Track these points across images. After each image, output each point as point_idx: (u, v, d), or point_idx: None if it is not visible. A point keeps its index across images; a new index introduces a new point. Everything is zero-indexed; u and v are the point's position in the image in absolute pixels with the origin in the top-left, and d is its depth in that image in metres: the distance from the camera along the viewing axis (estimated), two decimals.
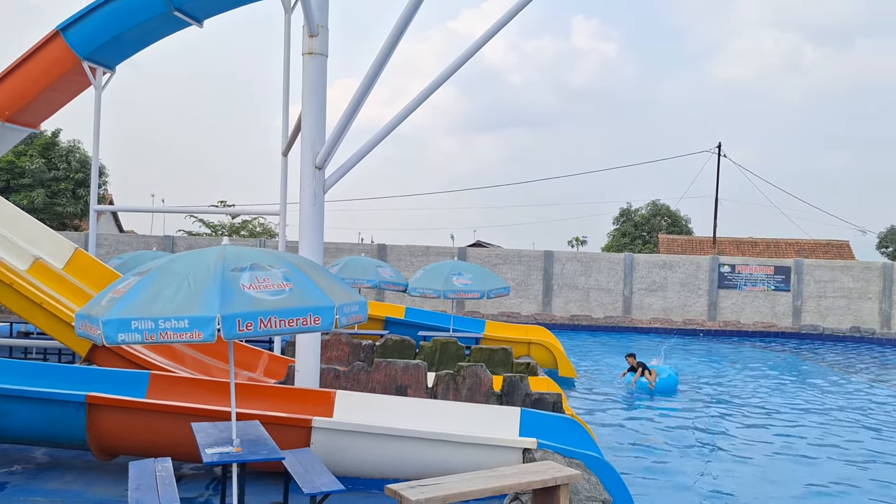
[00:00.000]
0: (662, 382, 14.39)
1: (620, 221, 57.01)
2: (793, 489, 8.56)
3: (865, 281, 26.81)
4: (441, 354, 11.72)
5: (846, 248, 41.30)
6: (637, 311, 28.05)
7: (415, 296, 14.40)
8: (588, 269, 28.53)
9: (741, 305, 27.59)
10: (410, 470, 6.68)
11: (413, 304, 25.36)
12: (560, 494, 5.85)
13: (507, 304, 28.25)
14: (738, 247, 40.80)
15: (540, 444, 6.81)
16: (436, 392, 8.55)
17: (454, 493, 5.15)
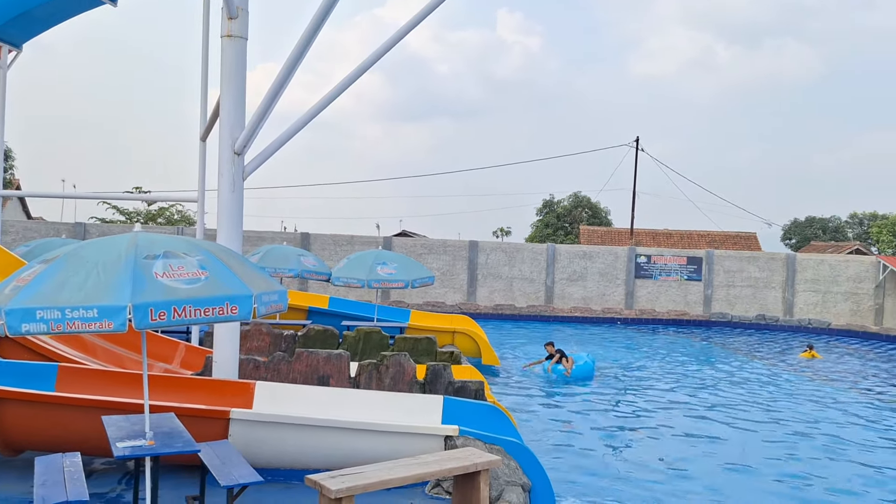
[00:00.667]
0: (578, 369, 14.77)
1: (543, 212, 58.08)
2: (704, 466, 8.98)
3: (770, 271, 28.26)
4: (365, 344, 11.67)
5: (753, 239, 43.39)
6: (559, 301, 28.69)
7: (338, 285, 14.28)
8: (512, 260, 28.95)
9: (656, 294, 28.61)
10: (332, 460, 6.64)
11: (337, 293, 25.15)
12: (480, 480, 5.94)
13: (432, 293, 28.37)
14: (654, 238, 42.23)
15: (462, 432, 6.88)
16: (358, 382, 8.51)
17: (375, 482, 5.16)
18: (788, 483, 8.52)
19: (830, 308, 27.65)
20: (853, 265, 27.97)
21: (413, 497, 6.25)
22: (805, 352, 19.61)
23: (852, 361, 19.70)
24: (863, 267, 27.79)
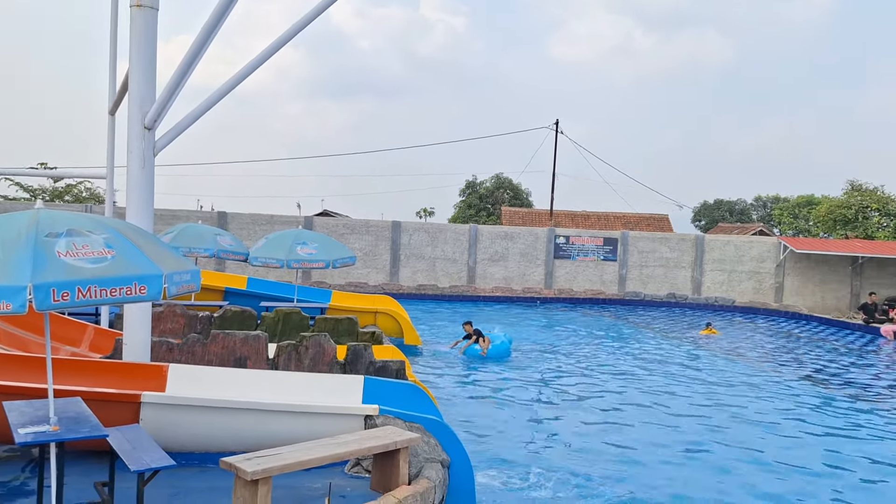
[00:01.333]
0: (495, 349, 14.99)
1: (466, 193, 58.46)
2: (620, 438, 9.33)
3: (681, 251, 29.45)
4: (284, 325, 11.50)
5: (666, 221, 45.04)
6: (480, 281, 29.04)
7: (257, 265, 13.97)
8: (435, 240, 29.06)
9: (574, 274, 29.36)
10: (249, 443, 6.54)
11: (256, 274, 24.64)
12: (399, 458, 5.99)
13: (354, 274, 28.19)
14: (572, 219, 43.22)
15: (382, 411, 6.91)
16: (277, 363, 8.40)
17: (292, 463, 5.12)
18: (689, 447, 8.97)
19: (735, 286, 29.08)
20: (756, 246, 29.46)
21: (332, 477, 6.24)
22: (705, 329, 20.62)
23: (752, 336, 20.83)
24: (765, 247, 29.32)
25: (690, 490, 7.57)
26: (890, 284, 28.02)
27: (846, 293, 28.58)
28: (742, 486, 7.78)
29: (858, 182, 36.59)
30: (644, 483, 7.68)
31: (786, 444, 9.49)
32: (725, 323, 24.17)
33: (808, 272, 28.79)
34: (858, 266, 28.23)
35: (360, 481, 6.34)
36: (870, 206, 34.65)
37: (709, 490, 7.60)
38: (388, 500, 5.39)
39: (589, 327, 21.23)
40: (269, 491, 4.96)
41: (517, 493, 7.21)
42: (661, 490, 7.49)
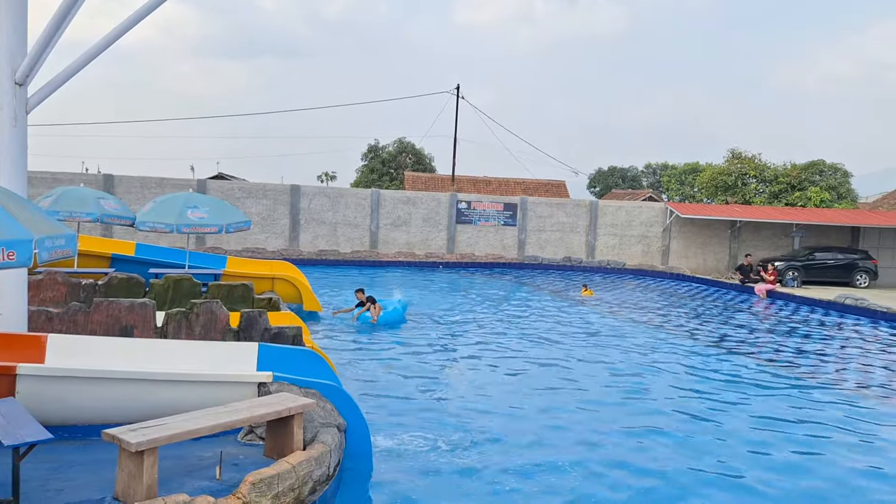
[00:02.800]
0: (387, 316, 14.97)
1: (369, 157, 57.86)
2: (516, 398, 9.65)
3: (576, 217, 30.44)
4: (174, 292, 11.12)
5: (563, 187, 46.31)
6: (383, 246, 29.00)
7: (145, 230, 13.37)
8: (336, 205, 28.70)
9: (476, 239, 29.81)
10: (137, 414, 6.34)
11: (147, 240, 23.61)
12: (294, 424, 5.98)
13: (252, 239, 27.49)
14: (474, 185, 43.69)
15: (276, 377, 6.85)
16: (166, 331, 8.14)
17: (180, 433, 5.02)
18: (580, 399, 9.43)
19: (626, 250, 30.40)
20: (645, 211, 30.84)
21: (225, 445, 6.16)
22: (583, 290, 21.55)
23: (637, 295, 21.93)
24: (653, 212, 30.74)
25: (578, 435, 7.96)
26: (764, 247, 30.07)
27: (725, 255, 30.47)
28: (617, 431, 8.26)
29: (739, 150, 38.80)
30: (543, 438, 8.00)
31: (658, 389, 10.12)
32: (616, 284, 25.29)
33: (692, 236, 30.45)
34: (736, 230, 30.10)
35: (254, 449, 6.29)
36: (748, 173, 36.88)
37: (590, 432, 8.02)
38: (281, 465, 5.38)
39: (488, 290, 21.69)
40: (155, 462, 4.85)
41: (416, 454, 7.36)
42: (557, 445, 7.84)
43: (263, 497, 5.03)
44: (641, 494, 6.62)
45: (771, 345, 14.81)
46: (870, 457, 7.94)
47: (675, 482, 6.93)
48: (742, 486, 6.93)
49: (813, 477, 7.22)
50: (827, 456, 7.90)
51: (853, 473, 7.37)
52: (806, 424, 9.06)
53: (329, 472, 5.96)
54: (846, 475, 7.31)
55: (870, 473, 7.41)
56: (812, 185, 34.66)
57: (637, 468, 7.26)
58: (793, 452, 7.95)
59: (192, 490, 5.14)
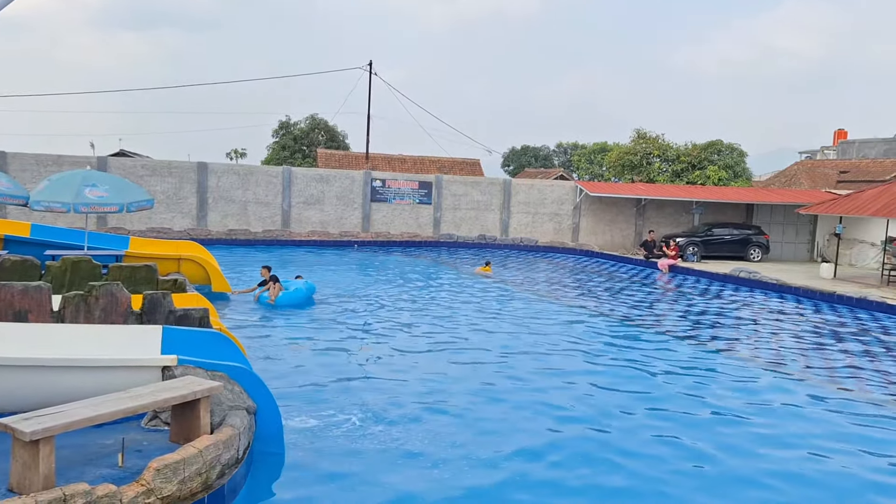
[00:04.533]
0: (287, 296, 14.62)
1: (280, 134, 56.54)
2: (429, 374, 9.78)
3: (490, 195, 30.84)
4: (73, 275, 10.61)
5: (477, 165, 46.75)
6: (296, 225, 28.53)
7: (40, 210, 12.67)
8: (246, 182, 27.98)
9: (391, 218, 29.75)
10: (35, 402, 6.05)
11: (44, 221, 22.35)
12: (200, 407, 5.88)
13: (157, 219, 26.48)
14: (389, 163, 43.49)
15: (181, 361, 6.68)
16: (63, 316, 7.78)
17: (77, 420, 4.85)
18: (492, 373, 9.67)
19: (538, 227, 31.09)
20: (557, 189, 31.58)
21: (128, 432, 5.99)
22: (482, 267, 21.91)
23: (547, 271, 22.54)
24: (564, 191, 31.51)
25: (492, 407, 8.18)
26: (667, 223, 31.41)
27: (631, 232, 31.64)
28: (534, 401, 8.54)
29: (644, 131, 40.20)
30: (455, 415, 8.16)
31: (562, 360, 10.50)
32: (529, 261, 25.87)
33: (600, 213, 31.44)
34: (641, 207, 31.28)
35: (159, 434, 6.15)
36: (652, 153, 38.31)
37: (509, 402, 8.25)
38: (187, 450, 5.29)
39: (402, 269, 21.76)
40: (51, 451, 4.68)
41: (327, 434, 7.38)
42: (467, 416, 8.01)
43: (168, 483, 4.94)
44: (554, 456, 6.88)
45: (670, 315, 15.57)
46: (756, 414, 8.54)
47: (579, 445, 7.25)
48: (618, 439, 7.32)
49: (704, 426, 7.71)
50: (719, 414, 8.43)
51: (734, 414, 7.91)
52: (702, 387, 9.63)
53: (238, 455, 5.90)
54: (734, 427, 7.84)
55: (744, 414, 7.98)
56: (711, 165, 36.36)
57: (548, 430, 7.54)
58: (685, 412, 8.44)
59: (93, 479, 5.00)
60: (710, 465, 7.00)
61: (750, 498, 6.27)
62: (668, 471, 6.80)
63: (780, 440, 7.80)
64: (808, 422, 8.51)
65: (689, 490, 6.40)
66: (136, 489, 4.77)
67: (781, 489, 6.49)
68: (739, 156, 37.29)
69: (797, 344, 13.16)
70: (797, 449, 7.57)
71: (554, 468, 6.77)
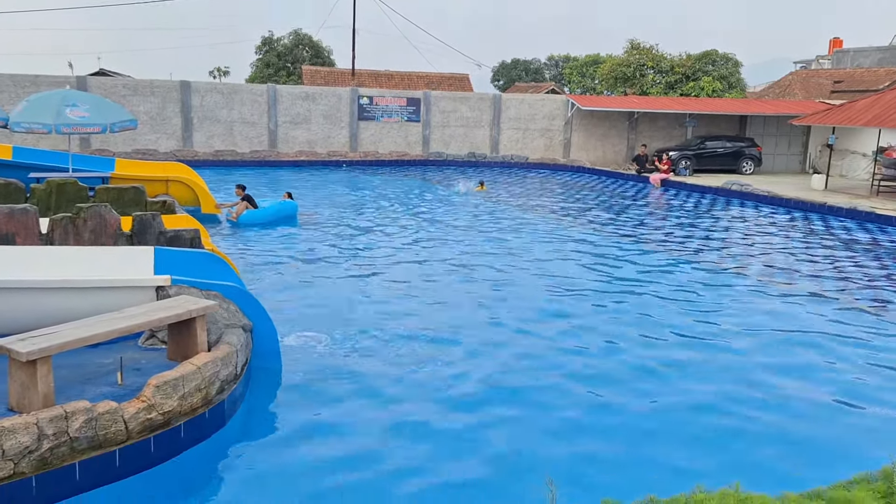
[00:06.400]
0: (250, 214, 14.55)
1: (263, 51, 54.92)
2: (418, 295, 9.83)
3: (480, 111, 30.30)
4: (59, 197, 10.43)
5: (466, 80, 45.75)
6: (283, 145, 28.07)
7: (20, 132, 12.35)
8: (230, 102, 27.33)
9: (379, 136, 29.29)
10: (29, 325, 6.04)
11: (25, 142, 21.88)
12: (196, 326, 5.89)
13: (142, 140, 25.96)
14: (376, 79, 42.49)
15: (174, 281, 6.65)
16: (52, 238, 7.69)
17: (73, 340, 4.84)
18: (483, 289, 9.74)
19: (529, 144, 30.74)
20: (548, 104, 31.05)
21: (125, 351, 6.02)
22: (476, 186, 21.77)
23: (538, 189, 22.44)
24: (555, 105, 30.99)
25: (485, 322, 8.27)
26: (660, 137, 31.10)
27: (623, 147, 31.35)
28: (517, 317, 8.64)
29: (637, 41, 39.23)
30: (449, 331, 8.24)
31: (558, 272, 10.59)
32: (518, 178, 25.70)
33: (592, 128, 31.05)
34: (634, 121, 30.89)
35: (157, 353, 6.18)
36: (646, 64, 37.52)
37: (503, 319, 8.35)
38: (185, 367, 5.33)
39: (392, 189, 21.58)
40: (49, 371, 4.69)
41: (324, 351, 7.45)
42: (461, 333, 8.10)
43: (169, 399, 4.99)
44: (556, 370, 7.01)
45: (661, 229, 15.61)
46: (737, 317, 8.67)
47: (589, 357, 7.37)
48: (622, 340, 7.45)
49: (696, 332, 7.84)
50: (709, 320, 8.57)
51: (724, 324, 8.05)
52: (695, 295, 9.75)
53: (237, 371, 5.96)
54: (719, 328, 7.98)
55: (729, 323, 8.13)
56: (705, 76, 35.71)
57: (548, 347, 7.65)
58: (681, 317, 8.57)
59: (94, 397, 5.04)
60: (692, 369, 7.15)
61: (745, 399, 6.42)
62: (658, 363, 6.95)
63: (767, 343, 7.95)
64: (792, 325, 8.65)
65: (678, 393, 6.55)
66: (137, 405, 4.82)
67: (771, 390, 6.64)
68: (734, 66, 36.59)
69: (787, 255, 13.27)
70: (788, 352, 7.72)
71: (545, 380, 6.89)
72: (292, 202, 15.56)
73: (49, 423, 4.39)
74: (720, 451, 5.52)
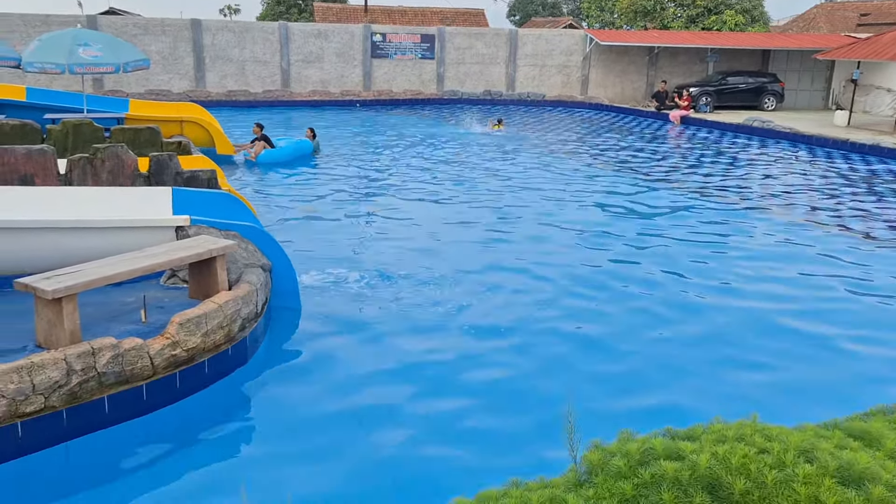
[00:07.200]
0: (268, 154, 14.69)
1: None
2: (432, 228, 9.84)
3: (496, 47, 29.67)
4: (75, 138, 10.44)
5: (482, 16, 44.72)
6: (296, 84, 27.76)
7: (33, 72, 12.27)
8: (242, 40, 26.94)
9: (393, 74, 28.86)
10: (51, 265, 6.13)
11: (38, 83, 21.80)
12: (216, 265, 5.95)
13: (155, 80, 25.77)
14: (388, 15, 41.63)
15: (193, 221, 6.68)
16: (70, 179, 7.72)
17: (97, 279, 4.91)
18: (496, 229, 9.74)
19: (546, 81, 30.17)
20: (566, 39, 30.32)
21: (147, 290, 6.10)
22: (493, 124, 21.45)
23: (552, 126, 22.13)
24: (573, 40, 30.27)
25: (507, 263, 8.30)
26: (680, 73, 30.40)
27: (643, 83, 30.71)
28: (545, 253, 8.65)
29: None
30: (464, 271, 8.27)
31: (571, 210, 10.54)
32: (535, 116, 25.34)
33: (611, 64, 30.38)
34: (654, 56, 30.16)
35: (178, 292, 6.27)
36: None
37: (522, 257, 8.38)
38: (207, 305, 5.40)
39: (407, 128, 21.37)
40: (74, 308, 4.78)
41: (343, 290, 7.53)
42: (481, 272, 8.13)
43: (192, 336, 5.09)
44: (574, 310, 7.05)
45: (680, 167, 15.41)
46: (755, 255, 8.64)
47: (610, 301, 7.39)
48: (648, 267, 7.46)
49: (713, 271, 7.84)
50: (723, 256, 8.54)
51: (741, 258, 8.04)
52: (721, 236, 9.69)
53: (257, 309, 6.04)
54: (733, 263, 7.97)
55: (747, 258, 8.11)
56: (728, 9, 34.60)
57: (566, 285, 7.68)
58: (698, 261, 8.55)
59: (119, 334, 5.14)
60: (716, 312, 7.16)
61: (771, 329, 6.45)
62: (680, 308, 6.97)
63: (789, 279, 7.93)
64: (813, 263, 8.60)
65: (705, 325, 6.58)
66: (161, 342, 4.92)
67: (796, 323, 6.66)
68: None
69: (808, 193, 13.09)
70: (808, 289, 7.71)
71: (560, 316, 6.94)
72: (308, 141, 15.51)
73: (77, 358, 4.50)
74: (734, 387, 5.57)
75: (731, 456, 2.13)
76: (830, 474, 2.05)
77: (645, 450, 2.29)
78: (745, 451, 2.15)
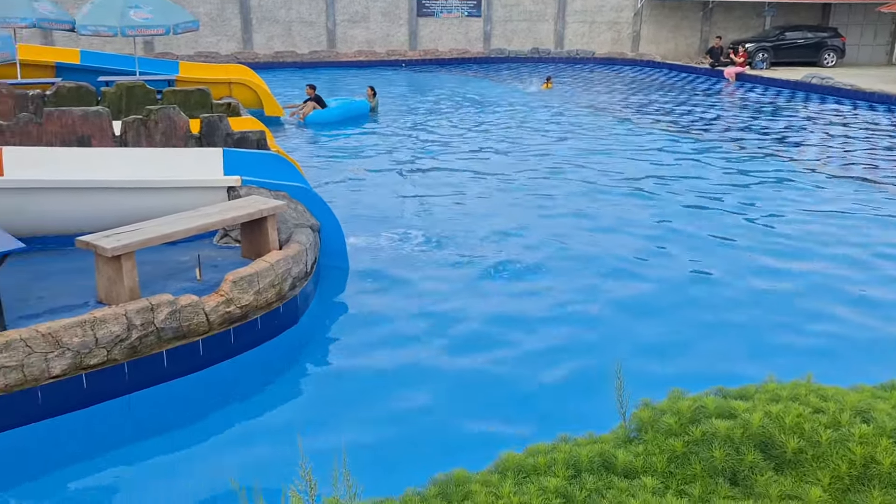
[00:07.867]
0: (317, 114, 14.73)
1: None
2: (483, 195, 9.82)
3: (544, 4, 28.98)
4: (128, 100, 10.66)
5: None
6: (342, 45, 27.67)
7: (86, 35, 12.51)
8: (288, 1, 26.90)
9: (439, 33, 28.51)
10: (109, 224, 6.32)
11: (92, 47, 22.20)
12: (267, 225, 6.06)
13: (203, 42, 25.99)
14: None
15: (244, 181, 6.81)
16: (125, 140, 7.90)
17: (154, 237, 5.06)
18: (550, 190, 9.65)
19: (596, 38, 29.43)
20: None
21: (201, 249, 6.26)
22: (543, 83, 21.05)
23: (606, 86, 21.64)
24: None
25: (557, 224, 8.25)
26: (735, 28, 29.29)
27: (696, 39, 29.71)
28: (596, 214, 8.56)
29: None
30: (514, 232, 8.25)
31: (630, 173, 10.37)
32: (584, 75, 24.82)
33: (663, 20, 29.43)
34: (708, 11, 29.09)
35: (231, 251, 6.42)
36: None
37: (571, 219, 8.31)
38: (259, 264, 5.52)
39: (455, 88, 21.18)
40: (133, 266, 4.94)
41: (391, 249, 7.60)
42: (531, 231, 8.10)
43: (245, 293, 5.22)
44: (626, 259, 6.99)
45: (735, 126, 14.97)
46: (814, 217, 8.40)
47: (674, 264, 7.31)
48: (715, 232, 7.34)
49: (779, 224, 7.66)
50: (787, 216, 8.33)
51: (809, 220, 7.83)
52: (778, 197, 9.44)
53: (307, 269, 6.15)
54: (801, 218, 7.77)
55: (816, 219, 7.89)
56: None
57: (617, 243, 7.61)
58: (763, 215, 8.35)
59: (175, 291, 5.30)
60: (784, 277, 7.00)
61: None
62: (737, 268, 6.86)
63: (848, 241, 7.70)
64: (872, 225, 8.32)
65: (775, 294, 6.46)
66: (216, 299, 5.06)
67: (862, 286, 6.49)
68: None
69: (869, 153, 12.60)
70: (866, 251, 7.48)
71: (611, 275, 6.88)
72: (362, 101, 15.55)
73: (136, 314, 4.66)
74: (786, 349, 5.47)
75: (784, 415, 2.10)
76: (888, 434, 2.01)
77: (696, 408, 2.28)
78: (800, 411, 2.12)
